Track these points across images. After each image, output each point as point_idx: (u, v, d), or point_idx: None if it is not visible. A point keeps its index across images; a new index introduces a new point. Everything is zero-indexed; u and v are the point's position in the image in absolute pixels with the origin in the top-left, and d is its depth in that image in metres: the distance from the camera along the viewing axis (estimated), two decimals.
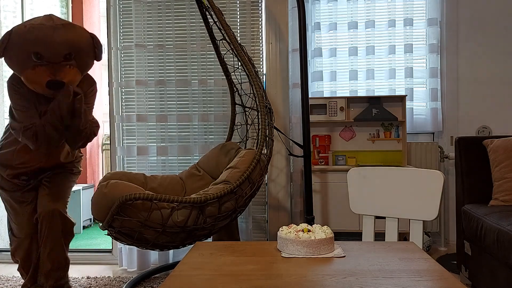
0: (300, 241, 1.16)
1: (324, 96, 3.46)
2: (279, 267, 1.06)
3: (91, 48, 2.08)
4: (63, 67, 1.93)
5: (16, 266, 2.36)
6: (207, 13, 2.60)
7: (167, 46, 2.98)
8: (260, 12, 2.98)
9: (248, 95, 2.83)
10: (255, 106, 2.75)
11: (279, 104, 2.94)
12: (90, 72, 2.22)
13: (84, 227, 4.41)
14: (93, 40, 2.10)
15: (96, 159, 4.98)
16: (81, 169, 2.46)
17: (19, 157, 2.17)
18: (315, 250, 1.16)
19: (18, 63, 1.92)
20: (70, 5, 4.75)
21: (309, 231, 1.20)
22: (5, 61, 1.94)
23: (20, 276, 2.74)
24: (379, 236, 3.09)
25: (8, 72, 3.82)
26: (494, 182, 2.35)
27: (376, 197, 1.65)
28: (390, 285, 0.93)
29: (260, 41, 2.98)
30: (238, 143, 2.69)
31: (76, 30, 2.02)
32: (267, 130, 2.25)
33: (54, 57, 1.91)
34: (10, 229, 2.31)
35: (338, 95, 3.47)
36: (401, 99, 3.31)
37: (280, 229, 1.24)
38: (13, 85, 2.02)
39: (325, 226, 1.23)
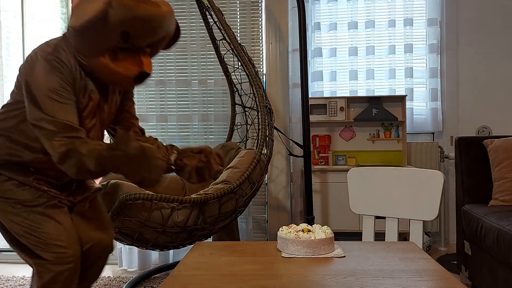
0: (300, 241, 1.16)
1: (324, 96, 3.46)
2: (279, 267, 1.06)
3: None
4: (146, 55, 1.46)
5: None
6: (207, 13, 2.60)
7: None
8: (260, 12, 2.98)
9: (248, 95, 2.83)
10: (255, 106, 2.75)
11: (279, 104, 2.94)
12: None
13: None
14: (176, 30, 1.60)
15: None
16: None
17: (40, 164, 1.48)
18: (315, 250, 1.15)
19: (97, 42, 1.36)
20: (70, 5, 4.74)
21: (309, 231, 1.20)
22: (77, 34, 1.35)
23: (21, 276, 2.74)
24: (379, 236, 3.09)
25: (8, 71, 3.82)
26: (494, 182, 2.35)
27: (376, 197, 1.65)
28: (390, 285, 0.93)
29: (260, 41, 2.98)
30: (238, 143, 2.69)
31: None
32: (267, 130, 2.25)
33: (143, 40, 1.42)
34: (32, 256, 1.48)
35: (338, 95, 3.47)
36: (401, 99, 3.31)
37: (280, 229, 1.24)
38: (55, 61, 1.37)
39: (325, 226, 1.23)
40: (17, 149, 1.45)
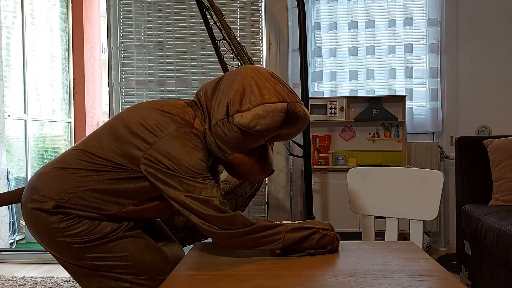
0: None
1: (324, 96, 3.46)
2: (279, 267, 1.06)
3: None
4: (270, 148, 1.40)
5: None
6: (207, 13, 2.60)
7: (167, 46, 2.98)
8: (260, 12, 2.98)
9: None
10: None
11: None
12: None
13: None
14: None
15: None
16: None
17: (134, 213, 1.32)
18: None
19: (253, 143, 1.26)
20: (70, 5, 4.75)
21: None
22: (244, 133, 1.21)
23: (21, 276, 2.74)
24: (379, 236, 3.09)
25: (8, 71, 3.82)
26: (494, 182, 2.35)
27: (376, 197, 1.65)
28: (390, 285, 0.93)
29: (260, 41, 2.98)
30: None
31: None
32: None
33: (283, 139, 1.38)
34: None
35: (338, 95, 3.47)
36: (401, 99, 3.31)
37: None
38: (200, 148, 1.20)
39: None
40: (101, 204, 1.26)
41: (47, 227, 1.24)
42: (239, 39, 2.95)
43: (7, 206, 3.62)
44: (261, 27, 2.98)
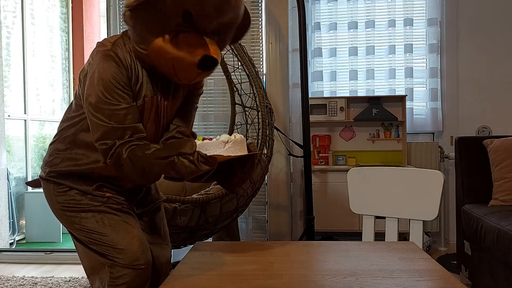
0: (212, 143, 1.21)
1: (324, 96, 3.46)
2: (279, 267, 1.06)
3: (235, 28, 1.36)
4: (213, 41, 1.26)
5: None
6: None
7: None
8: (260, 12, 2.98)
9: (248, 94, 2.83)
10: (255, 106, 2.75)
11: (279, 104, 2.94)
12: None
13: None
14: (245, 17, 1.38)
15: None
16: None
17: (101, 171, 1.37)
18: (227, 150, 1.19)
19: (155, 23, 1.20)
20: (70, 5, 4.75)
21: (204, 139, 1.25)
22: (133, 16, 1.20)
23: (21, 276, 2.74)
24: (379, 236, 3.09)
25: (8, 71, 3.82)
26: (494, 182, 2.35)
27: (376, 197, 1.65)
28: (390, 285, 0.93)
29: (260, 41, 2.98)
30: None
31: None
32: (268, 130, 2.25)
33: (208, 24, 1.22)
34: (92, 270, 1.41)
35: (338, 95, 3.47)
36: (401, 99, 3.31)
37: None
38: (113, 56, 1.25)
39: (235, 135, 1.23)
40: (77, 158, 1.36)
41: (49, 194, 1.39)
42: None
43: (7, 206, 3.63)
44: (261, 27, 2.97)
